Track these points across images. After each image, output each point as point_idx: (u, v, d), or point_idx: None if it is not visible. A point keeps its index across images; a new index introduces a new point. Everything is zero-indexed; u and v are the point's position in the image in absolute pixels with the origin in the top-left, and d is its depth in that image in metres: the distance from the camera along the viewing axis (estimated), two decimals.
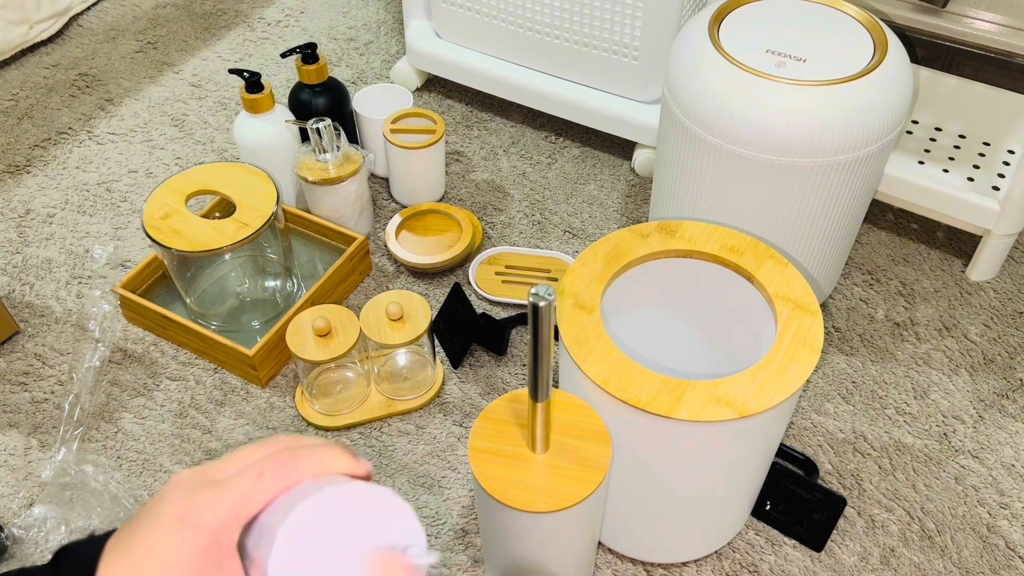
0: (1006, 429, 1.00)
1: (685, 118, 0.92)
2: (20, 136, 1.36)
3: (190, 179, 1.04)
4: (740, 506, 0.86)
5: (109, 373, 1.06)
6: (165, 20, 1.58)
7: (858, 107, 0.86)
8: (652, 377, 0.72)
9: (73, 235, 1.21)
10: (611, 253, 0.82)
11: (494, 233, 1.21)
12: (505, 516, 0.72)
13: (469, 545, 0.91)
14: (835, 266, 1.06)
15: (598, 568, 0.90)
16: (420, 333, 0.96)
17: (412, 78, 1.42)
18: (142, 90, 1.44)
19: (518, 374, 1.05)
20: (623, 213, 1.24)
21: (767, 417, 0.72)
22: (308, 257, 1.17)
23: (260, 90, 1.11)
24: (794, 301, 0.78)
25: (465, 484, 0.96)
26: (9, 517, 0.93)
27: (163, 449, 0.99)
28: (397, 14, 1.59)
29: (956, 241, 1.20)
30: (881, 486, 0.96)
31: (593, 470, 0.71)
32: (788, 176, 0.90)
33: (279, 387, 1.05)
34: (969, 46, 1.16)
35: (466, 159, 1.32)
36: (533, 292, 0.59)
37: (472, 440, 0.74)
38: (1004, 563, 0.90)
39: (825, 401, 1.03)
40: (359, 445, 0.99)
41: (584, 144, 1.35)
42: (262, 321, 1.09)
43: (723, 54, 0.90)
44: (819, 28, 0.94)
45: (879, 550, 0.91)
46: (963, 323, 1.10)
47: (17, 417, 1.01)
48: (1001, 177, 1.13)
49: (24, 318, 1.11)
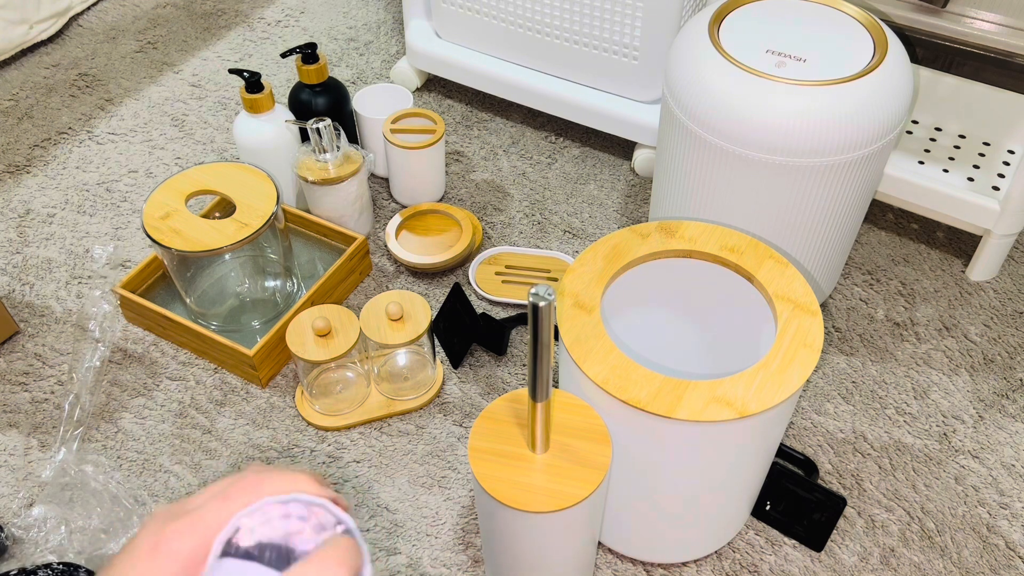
0: (1006, 429, 1.00)
1: (685, 118, 0.92)
2: (20, 136, 1.36)
3: (190, 179, 1.04)
4: (740, 506, 0.86)
5: (109, 373, 1.06)
6: (165, 20, 1.58)
7: (858, 107, 0.86)
8: (652, 377, 0.72)
9: (73, 235, 1.21)
10: (611, 253, 0.82)
11: (494, 233, 1.22)
12: (505, 516, 0.72)
13: (469, 545, 0.91)
14: (835, 266, 1.06)
15: (598, 568, 0.90)
16: (420, 333, 0.96)
17: (412, 78, 1.42)
18: (142, 90, 1.44)
19: (518, 374, 1.06)
20: (623, 213, 1.24)
21: (767, 417, 0.72)
22: (308, 257, 1.17)
23: (260, 90, 1.11)
24: (794, 301, 0.78)
25: (465, 484, 0.96)
26: (9, 517, 0.93)
27: (163, 449, 0.99)
28: (397, 14, 1.59)
29: (956, 241, 1.20)
30: (881, 486, 0.96)
31: (593, 470, 0.71)
32: (788, 176, 0.90)
33: (279, 387, 1.05)
34: (969, 46, 1.16)
35: (466, 159, 1.32)
36: (533, 292, 0.59)
37: (472, 440, 0.74)
38: (1004, 563, 0.90)
39: (825, 401, 1.03)
40: (359, 445, 0.99)
41: (584, 144, 1.35)
42: (262, 321, 1.09)
43: (723, 54, 0.90)
44: (819, 28, 0.94)
45: (879, 550, 0.91)
46: (963, 323, 1.10)
47: (17, 417, 1.01)
48: (1001, 177, 1.13)
49: (24, 318, 1.11)
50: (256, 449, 0.98)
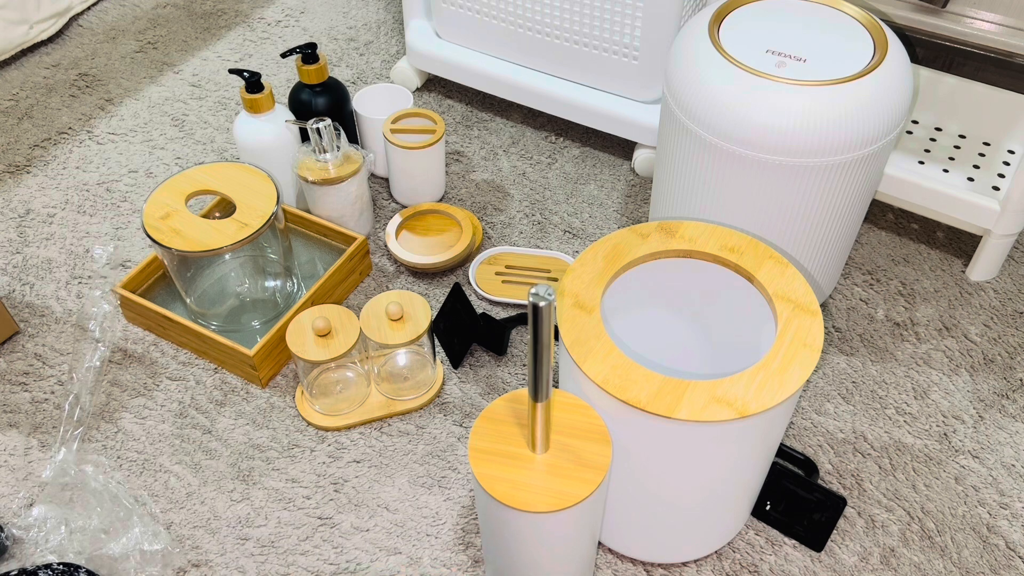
0: (1006, 429, 1.01)
1: (685, 118, 0.92)
2: (20, 136, 1.36)
3: (190, 179, 1.04)
4: (740, 506, 0.86)
5: (109, 373, 1.06)
6: (165, 20, 1.58)
7: (858, 107, 0.86)
8: (652, 377, 0.72)
9: (73, 235, 1.21)
10: (611, 253, 0.82)
11: (494, 233, 1.22)
12: (505, 516, 0.72)
13: (469, 545, 0.91)
14: (835, 266, 1.06)
15: (598, 568, 0.90)
16: (420, 333, 0.96)
17: (412, 78, 1.42)
18: (142, 90, 1.44)
19: (518, 374, 1.06)
20: (623, 213, 1.24)
21: (767, 417, 0.72)
22: (308, 257, 1.17)
23: (260, 90, 1.11)
24: (794, 301, 0.78)
25: (465, 484, 0.96)
26: (9, 517, 0.93)
27: (163, 449, 0.99)
28: (397, 14, 1.59)
29: (956, 241, 1.20)
30: (881, 486, 0.96)
31: (593, 470, 0.71)
32: (788, 176, 0.90)
33: (279, 387, 1.05)
34: (969, 46, 1.16)
35: (466, 159, 1.32)
36: (533, 292, 0.59)
37: (472, 440, 0.74)
38: (1004, 563, 0.90)
39: (825, 401, 1.03)
40: (359, 445, 0.99)
41: (584, 144, 1.35)
42: (262, 321, 1.09)
43: (723, 54, 0.90)
44: (819, 28, 0.94)
45: (879, 550, 0.91)
46: (963, 323, 1.11)
47: (17, 417, 1.01)
48: (1001, 177, 1.13)
49: (24, 318, 1.11)
50: (256, 449, 0.98)
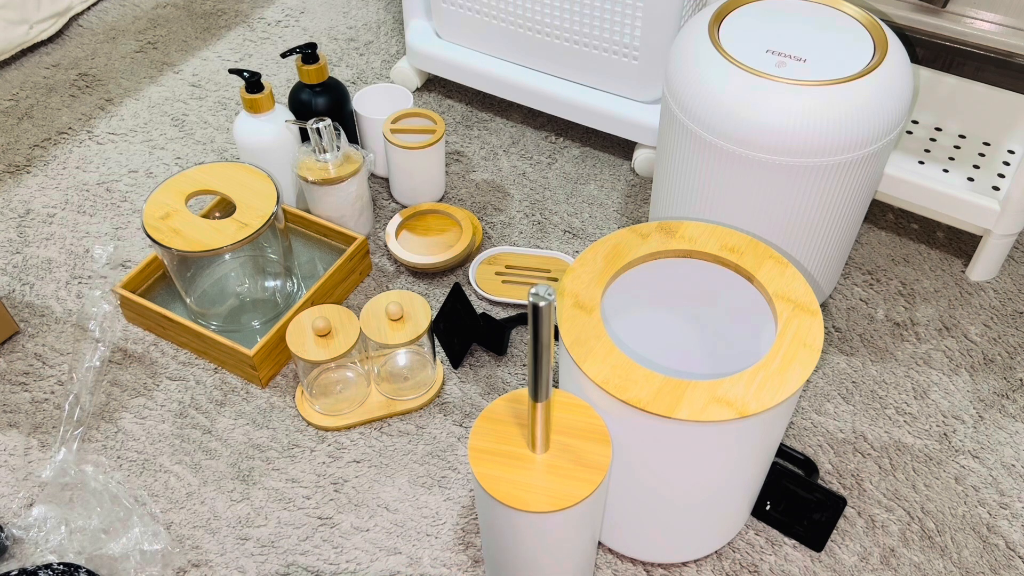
0: (1006, 429, 1.01)
1: (685, 118, 0.92)
2: (20, 136, 1.36)
3: (190, 179, 1.04)
4: (740, 506, 0.86)
5: (109, 373, 1.06)
6: (165, 20, 1.58)
7: (858, 107, 0.86)
8: (652, 377, 0.72)
9: (73, 235, 1.21)
10: (611, 253, 0.82)
11: (494, 233, 1.22)
12: (505, 516, 0.72)
13: (469, 545, 0.91)
14: (835, 266, 1.06)
15: (598, 568, 0.90)
16: (420, 333, 0.96)
17: (412, 78, 1.42)
18: (142, 90, 1.44)
19: (518, 374, 1.06)
20: (623, 213, 1.24)
21: (767, 417, 0.72)
22: (308, 257, 1.17)
23: (260, 90, 1.11)
24: (794, 301, 0.78)
25: (465, 484, 0.96)
26: (9, 517, 0.93)
27: (163, 449, 0.99)
28: (397, 14, 1.59)
29: (956, 241, 1.20)
30: (881, 486, 0.96)
31: (593, 470, 0.71)
32: (788, 176, 0.90)
33: (279, 387, 1.05)
34: (969, 46, 1.16)
35: (466, 159, 1.32)
36: (533, 292, 0.59)
37: (472, 440, 0.74)
38: (1004, 563, 0.90)
39: (825, 401, 1.03)
40: (359, 445, 0.99)
41: (584, 144, 1.35)
42: (262, 321, 1.09)
43: (723, 54, 0.90)
44: (819, 28, 0.94)
45: (879, 550, 0.91)
46: (963, 323, 1.11)
47: (17, 417, 1.01)
48: (1001, 177, 1.13)
49: (24, 318, 1.11)
50: (256, 449, 0.98)
